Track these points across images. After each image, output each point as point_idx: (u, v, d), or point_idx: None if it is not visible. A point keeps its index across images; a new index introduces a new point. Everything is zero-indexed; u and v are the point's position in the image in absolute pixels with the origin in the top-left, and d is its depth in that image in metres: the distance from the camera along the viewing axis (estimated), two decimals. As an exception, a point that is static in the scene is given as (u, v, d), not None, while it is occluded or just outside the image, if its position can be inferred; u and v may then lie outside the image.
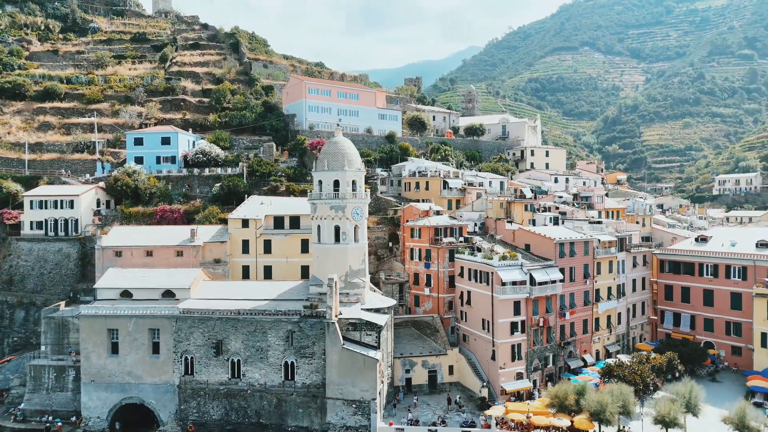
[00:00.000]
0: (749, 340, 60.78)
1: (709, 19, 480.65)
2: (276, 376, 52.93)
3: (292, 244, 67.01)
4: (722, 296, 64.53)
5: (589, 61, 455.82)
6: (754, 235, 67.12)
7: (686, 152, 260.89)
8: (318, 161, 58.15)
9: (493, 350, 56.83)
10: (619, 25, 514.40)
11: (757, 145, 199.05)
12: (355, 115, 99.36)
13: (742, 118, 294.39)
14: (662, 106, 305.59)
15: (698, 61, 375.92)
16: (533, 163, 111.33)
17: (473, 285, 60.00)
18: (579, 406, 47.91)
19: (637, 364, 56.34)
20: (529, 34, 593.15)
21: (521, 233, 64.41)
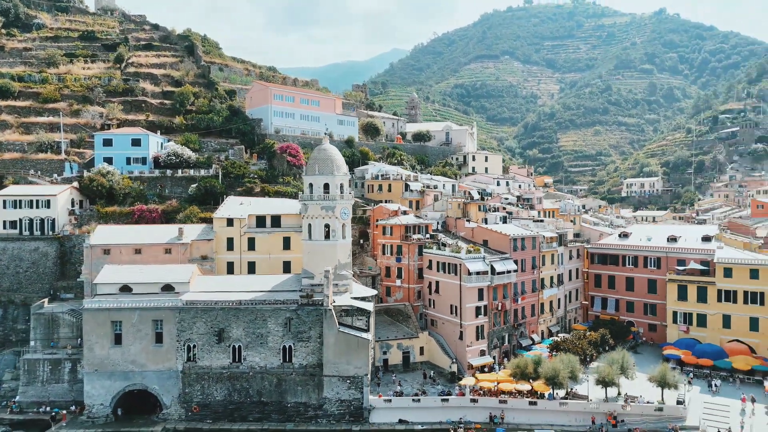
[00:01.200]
0: (663, 318, 74.01)
1: (614, 35, 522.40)
2: (275, 359, 59.08)
3: (275, 241, 72.90)
4: (641, 283, 77.62)
5: (510, 70, 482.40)
6: (666, 231, 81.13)
7: (597, 157, 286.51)
8: (308, 166, 64.77)
9: (460, 331, 66.04)
10: (536, 37, 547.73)
11: (658, 152, 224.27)
12: (316, 121, 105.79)
13: (644, 127, 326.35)
14: (576, 115, 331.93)
15: (606, 74, 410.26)
16: (474, 167, 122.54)
17: (442, 276, 68.98)
18: (537, 373, 58.04)
19: (578, 340, 67.96)
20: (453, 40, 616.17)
21: (479, 230, 74.22)
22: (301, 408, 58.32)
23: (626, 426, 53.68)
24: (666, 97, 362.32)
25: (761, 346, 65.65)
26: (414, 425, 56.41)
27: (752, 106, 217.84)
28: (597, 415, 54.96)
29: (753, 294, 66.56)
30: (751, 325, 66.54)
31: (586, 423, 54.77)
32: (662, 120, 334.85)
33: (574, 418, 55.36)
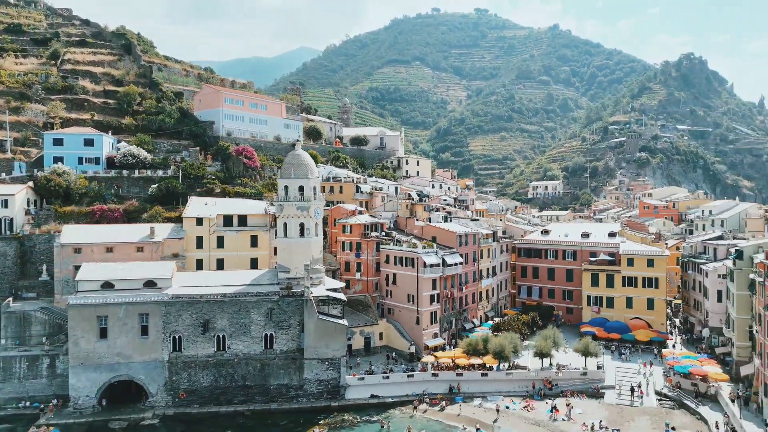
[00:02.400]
0: (579, 302, 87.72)
1: (515, 47, 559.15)
2: (258, 346, 64.74)
3: (243, 239, 78.04)
4: (560, 273, 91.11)
5: (421, 75, 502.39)
6: (580, 228, 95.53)
7: (504, 161, 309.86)
8: (283, 170, 70.90)
9: (417, 317, 75.20)
10: (444, 44, 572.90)
11: (558, 158, 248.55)
12: (264, 124, 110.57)
13: (543, 134, 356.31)
14: (483, 121, 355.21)
15: (509, 83, 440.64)
16: (408, 170, 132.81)
17: (399, 269, 77.76)
18: (486, 349, 68.43)
19: (514, 321, 79.55)
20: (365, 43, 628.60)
21: (428, 228, 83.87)
22: (283, 389, 64.47)
23: (559, 388, 65.32)
24: (561, 107, 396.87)
25: (656, 322, 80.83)
26: (385, 399, 64.46)
27: (635, 118, 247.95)
28: (536, 381, 66.20)
29: (649, 279, 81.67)
30: (648, 305, 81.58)
31: (528, 388, 65.80)
32: (558, 128, 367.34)
33: (518, 385, 66.22)
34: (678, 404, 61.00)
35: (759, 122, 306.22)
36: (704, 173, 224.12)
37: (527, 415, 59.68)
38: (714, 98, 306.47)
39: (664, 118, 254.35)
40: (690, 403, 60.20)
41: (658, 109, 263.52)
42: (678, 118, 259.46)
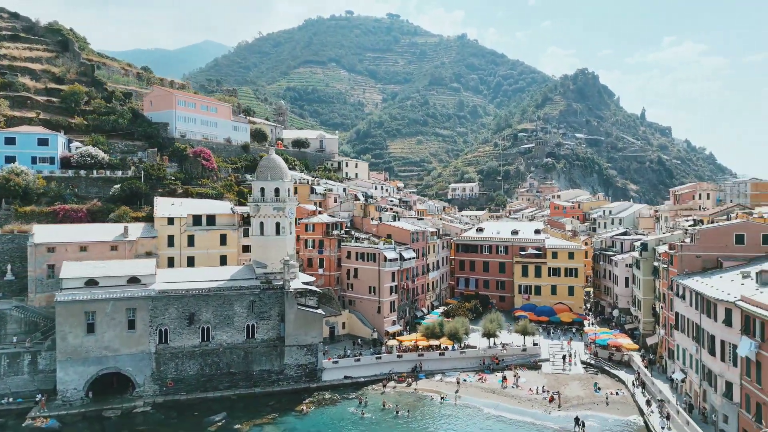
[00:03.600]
0: (510, 290, 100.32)
1: (426, 53, 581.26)
2: (240, 336, 70.05)
3: (213, 238, 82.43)
4: (494, 265, 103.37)
5: (337, 77, 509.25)
6: (510, 226, 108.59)
7: (421, 164, 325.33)
8: (259, 173, 76.36)
9: (378, 306, 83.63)
10: (359, 47, 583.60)
11: (474, 161, 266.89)
12: (214, 126, 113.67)
13: (456, 138, 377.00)
14: (401, 124, 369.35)
15: (422, 89, 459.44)
16: (347, 172, 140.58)
17: (361, 263, 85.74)
18: (442, 332, 78.30)
19: (460, 308, 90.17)
20: (279, 42, 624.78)
21: (383, 227, 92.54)
22: (265, 374, 70.27)
23: (505, 363, 76.49)
24: (472, 114, 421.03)
25: (575, 306, 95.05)
26: (357, 379, 72.16)
27: (540, 126, 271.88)
28: (485, 357, 76.97)
29: (570, 269, 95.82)
30: (569, 292, 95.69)
31: (479, 364, 76.37)
32: (470, 133, 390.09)
33: (470, 362, 76.61)
34: (600, 370, 74.20)
35: (641, 132, 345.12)
36: (599, 177, 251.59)
37: (482, 385, 70.07)
38: (604, 110, 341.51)
39: (564, 127, 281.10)
40: (609, 368, 73.64)
41: (559, 118, 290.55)
42: (576, 127, 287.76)
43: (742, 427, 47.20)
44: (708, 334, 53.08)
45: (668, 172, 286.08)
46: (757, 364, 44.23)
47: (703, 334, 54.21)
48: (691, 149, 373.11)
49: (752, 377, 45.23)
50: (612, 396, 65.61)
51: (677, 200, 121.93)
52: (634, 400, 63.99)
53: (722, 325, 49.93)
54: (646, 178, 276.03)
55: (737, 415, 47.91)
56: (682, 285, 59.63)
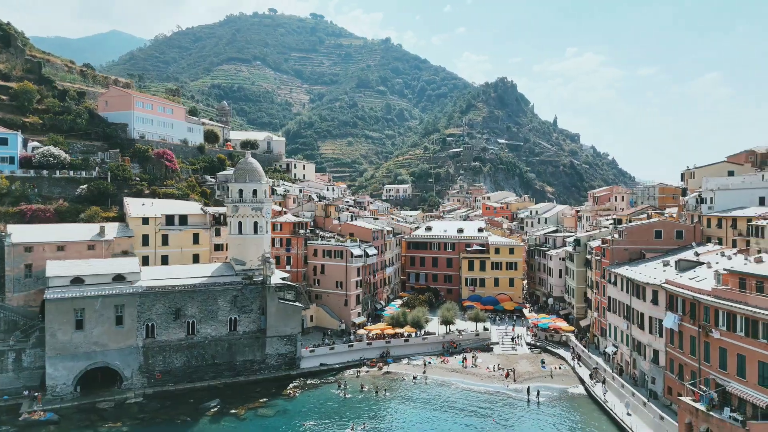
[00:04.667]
0: (457, 283, 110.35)
1: (351, 55, 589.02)
2: (224, 329, 74.28)
3: (185, 237, 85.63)
4: (443, 261, 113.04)
5: (263, 76, 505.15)
6: (455, 225, 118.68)
7: (353, 165, 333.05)
8: (237, 175, 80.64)
9: (345, 299, 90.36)
10: (284, 47, 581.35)
11: (406, 164, 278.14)
12: (170, 127, 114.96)
13: (385, 140, 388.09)
14: (331, 126, 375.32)
15: (350, 91, 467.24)
16: (296, 174, 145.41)
17: (328, 260, 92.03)
18: (405, 321, 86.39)
19: (417, 300, 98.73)
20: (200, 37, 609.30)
21: (346, 226, 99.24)
22: (248, 364, 74.99)
23: (462, 347, 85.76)
24: (398, 117, 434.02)
25: (515, 296, 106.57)
26: (332, 365, 78.55)
27: (466, 132, 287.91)
28: (444, 342, 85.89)
29: (510, 263, 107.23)
30: (510, 283, 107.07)
31: (439, 348, 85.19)
32: (397, 136, 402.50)
33: (432, 347, 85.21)
34: (543, 349, 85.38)
35: (554, 138, 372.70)
36: (520, 180, 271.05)
37: (445, 366, 78.82)
38: (522, 117, 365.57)
39: (487, 132, 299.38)
40: (550, 347, 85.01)
41: (482, 124, 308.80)
42: (498, 133, 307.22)
43: (667, 385, 58.93)
44: (638, 312, 64.80)
45: (579, 176, 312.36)
46: (680, 333, 55.84)
47: (633, 312, 65.95)
48: (596, 155, 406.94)
49: (675, 344, 56.90)
50: (556, 370, 76.60)
51: (596, 201, 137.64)
52: (574, 372, 75.24)
53: (650, 304, 61.60)
54: (561, 181, 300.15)
55: (663, 375, 59.63)
56: (615, 273, 71.42)
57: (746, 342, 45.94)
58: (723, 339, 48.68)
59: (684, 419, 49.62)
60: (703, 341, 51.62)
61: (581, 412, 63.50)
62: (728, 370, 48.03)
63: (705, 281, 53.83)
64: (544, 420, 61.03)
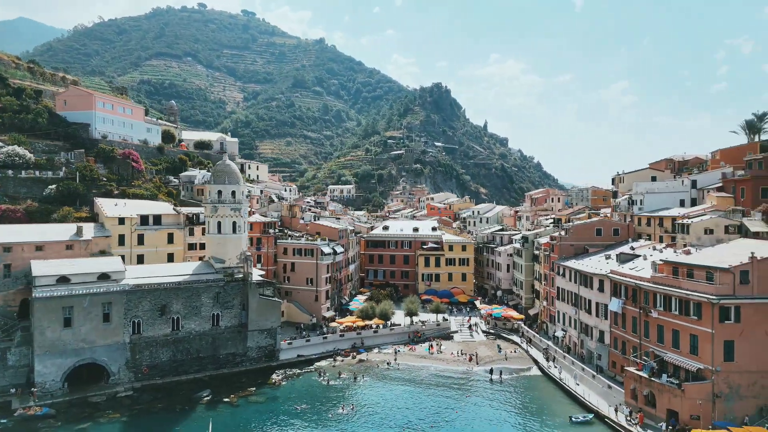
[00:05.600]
0: (414, 279, 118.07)
1: (286, 54, 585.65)
2: (207, 324, 77.58)
3: (161, 237, 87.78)
4: (400, 258, 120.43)
5: (195, 73, 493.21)
6: (411, 225, 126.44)
7: (292, 165, 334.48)
8: (216, 176, 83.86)
9: (316, 295, 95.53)
10: (215, 43, 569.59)
11: (348, 164, 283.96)
12: (130, 128, 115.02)
13: (324, 141, 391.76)
14: (269, 125, 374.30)
15: (286, 90, 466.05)
16: (250, 174, 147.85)
17: (298, 258, 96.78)
18: (374, 313, 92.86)
19: (380, 294, 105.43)
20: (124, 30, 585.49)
21: (314, 225, 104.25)
22: (230, 357, 78.65)
23: (426, 336, 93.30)
24: (336, 118, 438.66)
25: (467, 289, 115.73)
26: (309, 356, 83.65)
27: (405, 135, 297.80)
28: (410, 332, 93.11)
29: (462, 260, 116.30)
30: (462, 278, 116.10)
31: (406, 338, 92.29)
32: (335, 136, 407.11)
33: (399, 337, 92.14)
34: (497, 336, 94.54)
35: (486, 142, 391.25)
36: (457, 182, 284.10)
37: (414, 353, 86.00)
38: (456, 121, 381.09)
39: (425, 136, 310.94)
40: (504, 334, 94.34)
41: (420, 127, 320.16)
42: (435, 137, 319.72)
43: (611, 360, 69.06)
44: (585, 299, 74.85)
45: (509, 178, 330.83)
46: (623, 315, 65.94)
47: (581, 300, 76.00)
48: (523, 158, 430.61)
49: (619, 325, 67.02)
50: (511, 354, 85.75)
51: (533, 203, 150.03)
52: (528, 354, 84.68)
53: (597, 291, 71.66)
54: (493, 183, 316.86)
55: (608, 352, 69.77)
56: (563, 266, 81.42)
57: (680, 319, 56.15)
58: (660, 318, 58.84)
59: (630, 386, 59.47)
60: (644, 320, 61.76)
61: (538, 387, 72.63)
62: (665, 344, 58.20)
63: (643, 270, 64.13)
64: (508, 394, 69.54)
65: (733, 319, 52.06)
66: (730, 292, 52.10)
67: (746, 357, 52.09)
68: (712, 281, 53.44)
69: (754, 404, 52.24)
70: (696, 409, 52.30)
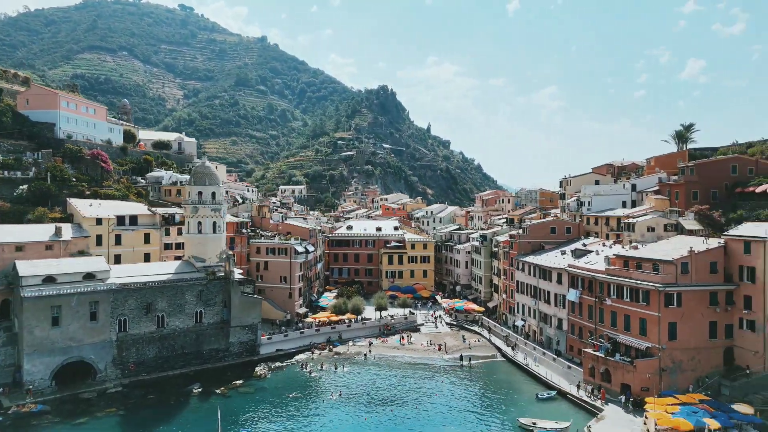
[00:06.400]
0: (377, 276, 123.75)
1: (227, 51, 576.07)
2: (191, 321, 79.93)
3: (138, 237, 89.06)
4: (364, 256, 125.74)
5: (131, 68, 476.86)
6: (374, 224, 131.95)
7: (239, 164, 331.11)
8: (196, 178, 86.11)
9: (290, 292, 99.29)
10: (152, 38, 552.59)
11: (298, 165, 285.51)
12: (93, 128, 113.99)
13: (270, 141, 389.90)
14: (214, 124, 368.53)
15: (229, 88, 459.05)
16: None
17: (271, 257, 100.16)
18: (346, 308, 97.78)
19: (348, 291, 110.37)
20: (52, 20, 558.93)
21: (284, 225, 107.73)
22: (213, 352, 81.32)
23: (395, 329, 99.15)
24: (281, 117, 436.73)
25: (428, 285, 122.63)
26: (287, 350, 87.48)
27: (354, 136, 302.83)
28: (380, 326, 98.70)
29: (424, 257, 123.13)
30: (423, 274, 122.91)
31: (377, 332, 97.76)
32: (281, 136, 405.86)
33: (370, 330, 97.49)
34: (460, 327, 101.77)
35: (430, 144, 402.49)
36: (405, 183, 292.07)
37: (386, 345, 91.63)
38: (401, 123, 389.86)
39: (373, 137, 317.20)
40: (467, 325, 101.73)
41: (369, 129, 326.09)
42: (383, 138, 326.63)
43: (569, 344, 77.48)
44: (544, 291, 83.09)
45: (453, 179, 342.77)
46: (580, 304, 74.36)
47: (540, 291, 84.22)
48: (465, 160, 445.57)
49: (576, 313, 75.43)
50: (475, 343, 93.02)
51: (484, 203, 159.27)
52: (490, 342, 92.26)
53: (555, 283, 79.97)
54: (438, 184, 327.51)
55: (566, 337, 78.17)
56: (523, 261, 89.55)
57: (631, 305, 64.81)
58: (614, 305, 67.43)
59: (588, 365, 67.73)
60: (599, 308, 70.30)
61: (504, 370, 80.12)
62: (618, 327, 66.80)
63: (597, 264, 72.77)
64: (479, 377, 76.63)
65: (675, 304, 61.04)
66: (674, 281, 61.06)
67: (686, 336, 61.21)
68: (658, 272, 62.29)
69: (693, 376, 61.46)
70: (646, 382, 60.91)
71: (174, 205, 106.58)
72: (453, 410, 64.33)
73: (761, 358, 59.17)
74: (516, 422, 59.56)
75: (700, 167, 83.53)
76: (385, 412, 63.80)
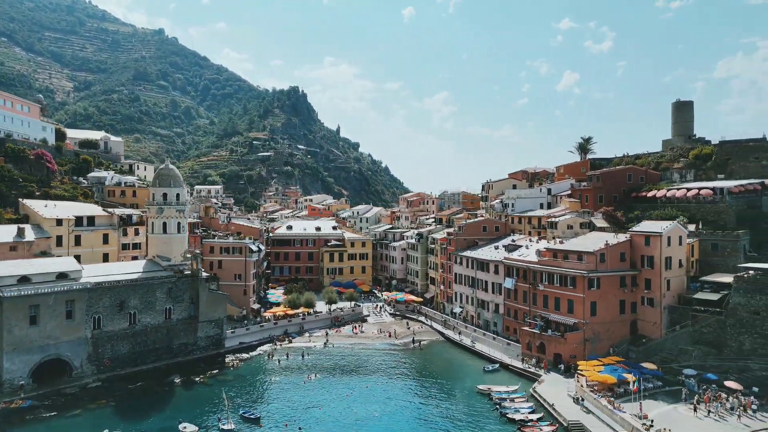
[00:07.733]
0: (318, 273, 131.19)
1: (120, 43, 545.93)
2: (161, 317, 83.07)
3: (97, 237, 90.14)
4: (304, 255, 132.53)
5: (12, 56, 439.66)
6: (314, 224, 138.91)
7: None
8: (160, 179, 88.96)
9: (245, 289, 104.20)
10: (35, 24, 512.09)
11: (212, 165, 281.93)
12: (28, 126, 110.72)
13: (175, 139, 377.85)
14: (114, 120, 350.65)
15: (128, 82, 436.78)
16: (139, 175, 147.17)
17: (225, 256, 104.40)
18: (300, 302, 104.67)
19: (295, 286, 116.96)
20: None
21: (235, 225, 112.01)
22: (182, 347, 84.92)
23: (345, 320, 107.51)
24: (185, 115, 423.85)
25: (367, 280, 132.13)
26: (250, 343, 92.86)
27: (269, 137, 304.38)
28: (332, 318, 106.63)
29: (363, 254, 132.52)
30: (362, 271, 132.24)
31: (329, 323, 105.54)
32: (187, 134, 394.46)
33: (323, 322, 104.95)
34: (403, 316, 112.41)
35: (341, 146, 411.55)
36: (322, 184, 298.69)
37: (341, 335, 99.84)
38: (313, 124, 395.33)
39: (288, 138, 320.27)
40: (408, 314, 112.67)
41: (283, 130, 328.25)
42: (297, 139, 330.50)
43: (506, 325, 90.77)
44: (482, 281, 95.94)
45: (366, 180, 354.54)
46: (515, 291, 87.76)
47: (478, 281, 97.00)
48: (373, 162, 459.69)
49: (512, 298, 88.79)
50: (418, 329, 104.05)
51: (408, 204, 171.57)
52: (432, 328, 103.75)
53: (493, 274, 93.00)
54: (352, 185, 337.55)
55: (502, 320, 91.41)
56: (462, 256, 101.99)
57: (559, 289, 78.82)
58: (546, 290, 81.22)
59: (525, 340, 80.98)
60: (532, 293, 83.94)
61: (450, 350, 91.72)
62: (549, 308, 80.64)
63: (529, 256, 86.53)
64: (431, 356, 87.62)
65: (596, 287, 75.71)
66: (594, 268, 75.71)
67: (603, 312, 76.09)
68: (582, 261, 76.72)
69: (608, 344, 76.45)
70: (574, 350, 74.96)
71: (120, 206, 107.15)
72: (420, 380, 74.65)
73: (658, 327, 75.35)
74: (474, 389, 70.94)
75: (604, 176, 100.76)
76: (362, 387, 72.57)
